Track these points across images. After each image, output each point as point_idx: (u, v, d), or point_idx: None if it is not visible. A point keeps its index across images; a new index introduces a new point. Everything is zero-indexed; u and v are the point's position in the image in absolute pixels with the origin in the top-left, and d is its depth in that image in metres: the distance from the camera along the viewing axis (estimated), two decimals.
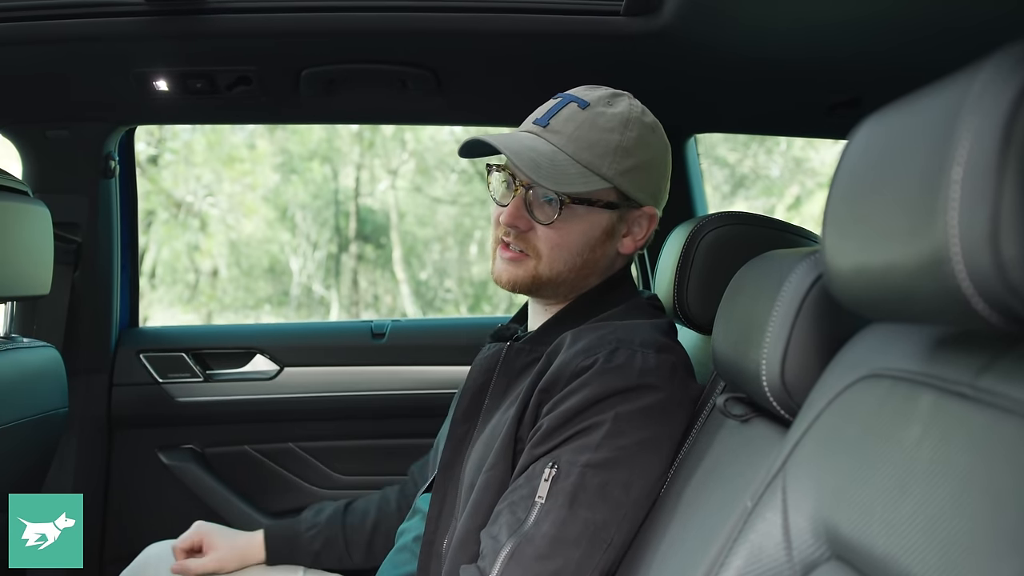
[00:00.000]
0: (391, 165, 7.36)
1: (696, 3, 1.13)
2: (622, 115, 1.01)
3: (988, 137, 0.40)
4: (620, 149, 0.99)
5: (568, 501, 0.86)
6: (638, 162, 1.01)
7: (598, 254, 1.04)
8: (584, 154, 0.98)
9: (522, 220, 1.00)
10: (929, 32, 1.13)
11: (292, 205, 7.26)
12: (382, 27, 1.28)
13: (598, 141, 0.99)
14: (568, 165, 0.98)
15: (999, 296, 0.41)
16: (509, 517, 0.88)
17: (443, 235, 7.49)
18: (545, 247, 1.01)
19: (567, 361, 0.95)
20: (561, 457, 0.89)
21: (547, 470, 0.88)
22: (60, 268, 1.51)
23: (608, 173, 0.99)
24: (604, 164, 0.99)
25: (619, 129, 1.00)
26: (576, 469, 0.87)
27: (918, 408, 0.53)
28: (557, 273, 1.02)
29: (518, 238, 1.01)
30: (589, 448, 0.88)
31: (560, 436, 0.90)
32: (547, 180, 0.96)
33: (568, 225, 1.00)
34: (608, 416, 0.89)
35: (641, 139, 1.01)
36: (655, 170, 1.05)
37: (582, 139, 0.99)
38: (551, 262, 1.01)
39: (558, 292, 1.05)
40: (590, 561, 0.87)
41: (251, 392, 1.74)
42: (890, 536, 0.49)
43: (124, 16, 1.26)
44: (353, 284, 7.38)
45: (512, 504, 0.89)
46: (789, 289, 0.75)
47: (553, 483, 0.87)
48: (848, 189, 0.55)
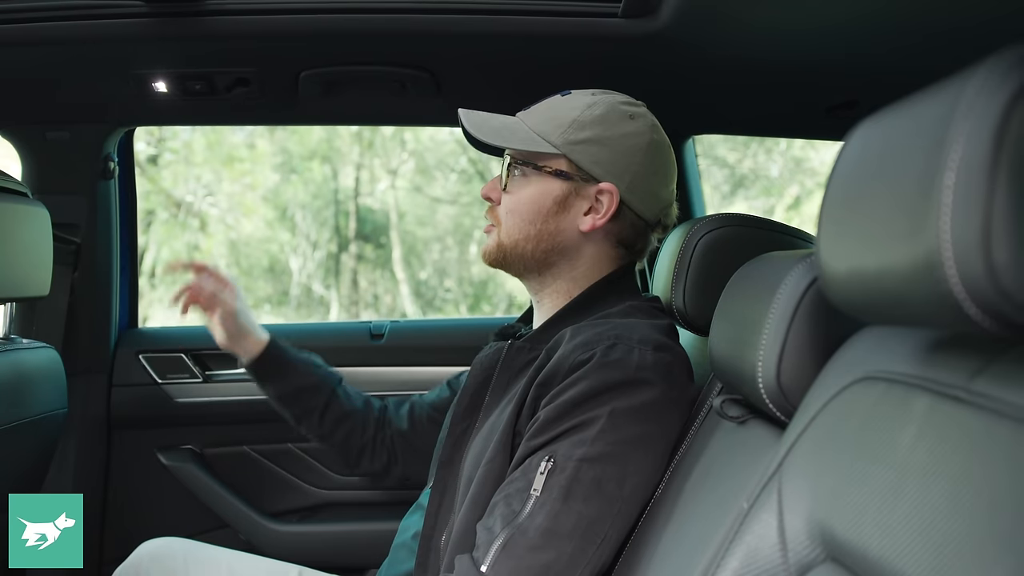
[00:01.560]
0: (391, 165, 7.37)
1: (694, 5, 1.13)
2: (589, 99, 1.07)
3: (980, 142, 0.41)
4: (576, 122, 1.04)
5: (563, 494, 0.87)
6: (594, 135, 1.04)
7: (552, 226, 1.06)
8: (541, 126, 1.06)
9: (494, 192, 1.10)
10: (926, 35, 1.13)
11: (292, 205, 7.26)
12: (381, 29, 1.28)
13: (557, 116, 1.06)
14: (519, 129, 1.06)
15: (991, 301, 0.41)
16: (504, 509, 0.89)
17: (443, 235, 7.49)
18: (502, 213, 1.08)
19: (565, 355, 0.96)
20: (557, 451, 0.89)
21: (543, 463, 0.89)
22: (59, 269, 1.51)
23: (556, 141, 1.04)
24: (555, 133, 1.05)
25: (581, 107, 1.05)
26: (571, 463, 0.88)
27: (913, 411, 0.53)
28: (514, 242, 1.07)
29: (490, 211, 1.11)
30: (585, 443, 0.89)
31: (556, 429, 0.91)
32: (488, 136, 1.05)
33: (519, 191, 1.07)
34: (604, 411, 0.90)
35: (604, 117, 1.05)
36: (619, 150, 1.05)
37: (544, 114, 1.07)
38: (508, 229, 1.08)
39: (527, 267, 1.09)
40: (583, 555, 0.87)
41: (250, 393, 1.73)
42: (885, 538, 0.50)
43: (123, 18, 1.26)
44: (353, 284, 7.38)
45: (508, 496, 0.90)
46: (785, 291, 0.75)
47: (549, 476, 0.88)
48: (843, 192, 0.55)
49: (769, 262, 0.85)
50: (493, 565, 0.86)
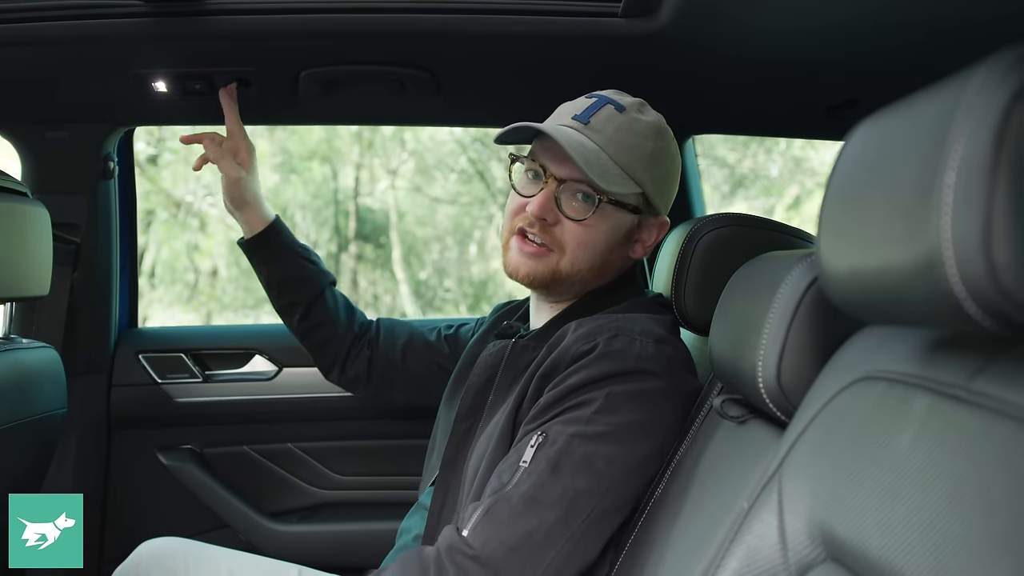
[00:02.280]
0: (391, 165, 7.36)
1: (694, 5, 1.13)
2: (655, 124, 1.05)
3: (980, 141, 0.41)
4: (653, 156, 1.03)
5: (551, 466, 0.87)
6: (665, 171, 1.05)
7: (615, 256, 1.07)
8: (623, 156, 1.01)
9: (551, 213, 1.02)
10: (926, 34, 1.13)
11: (292, 205, 7.25)
12: (381, 28, 1.28)
13: (636, 146, 1.02)
14: (610, 165, 1.00)
15: (991, 300, 0.41)
16: (494, 482, 0.89)
17: (443, 235, 7.49)
18: (571, 243, 1.02)
19: (567, 347, 0.96)
20: (551, 428, 0.90)
21: (535, 437, 0.89)
22: (59, 269, 1.51)
23: (641, 178, 1.02)
24: (639, 169, 1.02)
25: (653, 137, 1.03)
26: (563, 437, 0.88)
27: (913, 410, 0.53)
28: (577, 271, 1.04)
29: (543, 230, 1.03)
30: (580, 421, 0.89)
31: (553, 411, 0.91)
32: (597, 176, 0.98)
33: (597, 224, 1.03)
34: (601, 394, 0.90)
35: (669, 149, 1.06)
36: (674, 181, 1.09)
37: (622, 142, 1.01)
38: (574, 259, 1.03)
39: (571, 290, 1.07)
40: (566, 527, 0.86)
41: (250, 392, 1.74)
42: (884, 538, 0.50)
43: (123, 17, 1.26)
44: (353, 284, 7.37)
45: (499, 472, 0.90)
46: (786, 291, 0.75)
47: (539, 449, 0.88)
48: (843, 192, 0.55)
49: (769, 262, 0.85)
50: (473, 528, 0.85)
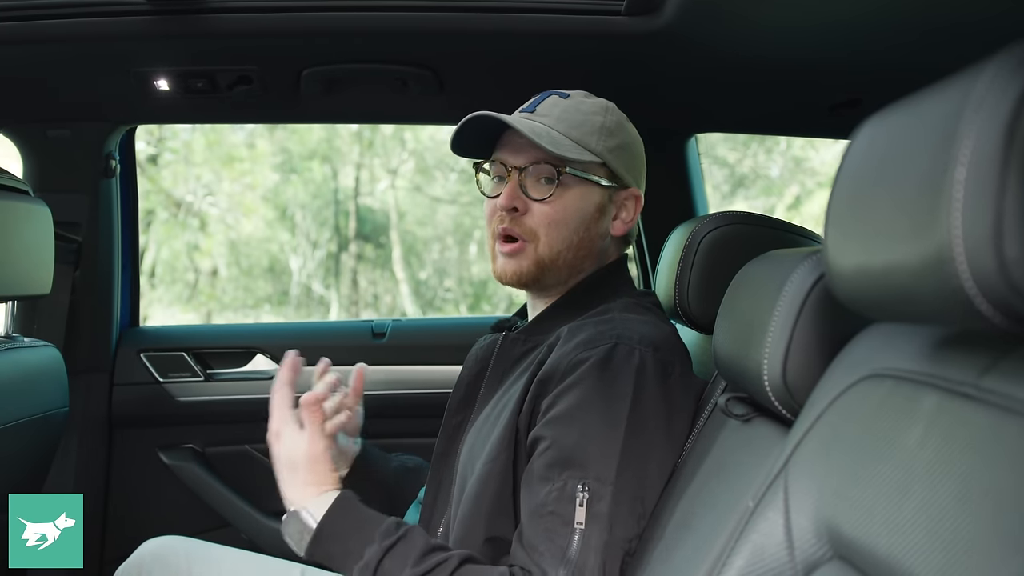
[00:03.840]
0: (391, 164, 7.36)
1: (697, 3, 1.13)
2: (601, 103, 1.08)
3: (991, 137, 0.40)
4: (605, 128, 1.05)
5: (608, 524, 0.87)
6: (621, 142, 1.07)
7: (593, 232, 1.06)
8: (574, 132, 1.04)
9: (519, 200, 1.03)
10: (929, 32, 1.13)
11: (292, 205, 7.26)
12: (383, 27, 1.28)
13: (584, 121, 1.04)
14: (561, 139, 1.02)
15: (1002, 296, 0.41)
16: (549, 545, 0.87)
17: (443, 235, 7.49)
18: (542, 225, 1.03)
19: (565, 352, 0.95)
20: (589, 478, 0.88)
21: (580, 494, 0.88)
22: (61, 267, 1.51)
23: (597, 148, 1.04)
24: (592, 140, 1.04)
25: (601, 112, 1.06)
26: (608, 488, 0.88)
27: (920, 408, 0.53)
28: (557, 252, 1.04)
29: (514, 222, 1.03)
30: (612, 456, 0.89)
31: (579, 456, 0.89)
32: (549, 145, 0.99)
33: (563, 200, 1.03)
34: (621, 427, 0.90)
35: (621, 123, 1.08)
36: (636, 154, 1.10)
37: (570, 120, 1.04)
38: (550, 242, 1.03)
39: (560, 276, 1.06)
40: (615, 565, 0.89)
41: (251, 392, 1.74)
42: (892, 536, 0.49)
43: (124, 16, 1.26)
44: (353, 284, 7.38)
45: (548, 531, 0.88)
46: (791, 289, 0.75)
47: (589, 507, 0.87)
48: (850, 189, 0.55)
49: (774, 260, 0.84)
50: None
